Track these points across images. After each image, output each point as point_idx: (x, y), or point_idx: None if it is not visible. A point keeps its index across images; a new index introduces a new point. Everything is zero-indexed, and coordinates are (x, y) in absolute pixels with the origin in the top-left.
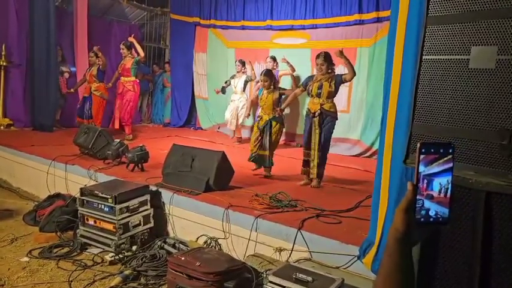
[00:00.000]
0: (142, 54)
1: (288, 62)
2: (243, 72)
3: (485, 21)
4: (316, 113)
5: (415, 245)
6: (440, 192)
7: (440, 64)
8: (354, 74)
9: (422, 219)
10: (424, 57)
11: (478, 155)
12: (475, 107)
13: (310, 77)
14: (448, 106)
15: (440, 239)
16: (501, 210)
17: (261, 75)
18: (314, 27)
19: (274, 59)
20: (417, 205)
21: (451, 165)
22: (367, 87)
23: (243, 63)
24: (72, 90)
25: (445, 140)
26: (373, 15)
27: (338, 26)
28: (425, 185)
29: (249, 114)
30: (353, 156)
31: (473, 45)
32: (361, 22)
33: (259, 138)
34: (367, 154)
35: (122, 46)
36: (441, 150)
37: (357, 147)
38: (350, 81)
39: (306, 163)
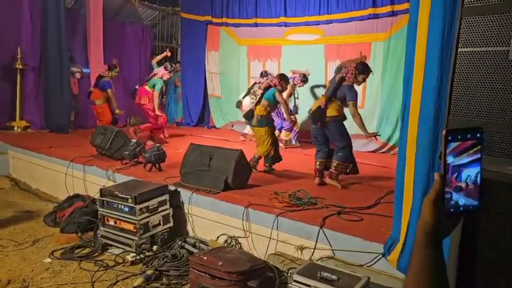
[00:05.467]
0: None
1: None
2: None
3: None
4: None
5: (446, 237)
6: (468, 183)
7: (478, 57)
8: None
9: (452, 210)
10: (459, 50)
11: None
12: None
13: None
14: (487, 100)
15: (479, 238)
16: None
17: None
18: (328, 22)
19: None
20: (446, 196)
21: (479, 155)
22: (382, 82)
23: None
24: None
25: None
26: (387, 9)
27: (352, 20)
28: (454, 176)
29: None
30: (369, 152)
31: None
32: (375, 16)
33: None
34: (384, 150)
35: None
36: (468, 136)
37: (373, 143)
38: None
39: None
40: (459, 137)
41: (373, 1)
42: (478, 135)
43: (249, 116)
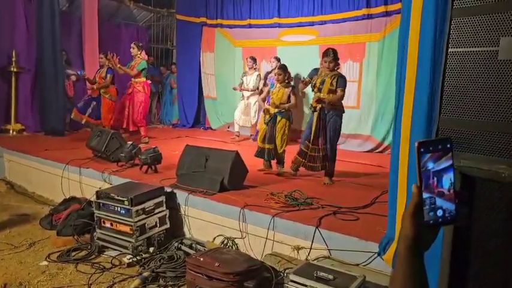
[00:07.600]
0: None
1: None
2: (254, 68)
3: None
4: (317, 108)
5: (427, 249)
6: (449, 188)
7: (468, 57)
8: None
9: (431, 221)
10: (450, 50)
11: (510, 148)
12: (506, 99)
13: (316, 70)
14: (477, 99)
15: (472, 238)
16: None
17: (274, 69)
18: (322, 23)
19: (278, 59)
20: (430, 203)
21: (451, 162)
22: (377, 82)
23: (254, 60)
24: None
25: (446, 135)
26: (381, 9)
27: (346, 21)
28: (435, 181)
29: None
30: (365, 152)
31: (503, 36)
32: (369, 16)
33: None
34: (379, 149)
35: (132, 45)
36: (439, 147)
37: (368, 142)
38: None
39: (301, 154)
40: (431, 148)
41: (367, 1)
42: (448, 145)
43: None
